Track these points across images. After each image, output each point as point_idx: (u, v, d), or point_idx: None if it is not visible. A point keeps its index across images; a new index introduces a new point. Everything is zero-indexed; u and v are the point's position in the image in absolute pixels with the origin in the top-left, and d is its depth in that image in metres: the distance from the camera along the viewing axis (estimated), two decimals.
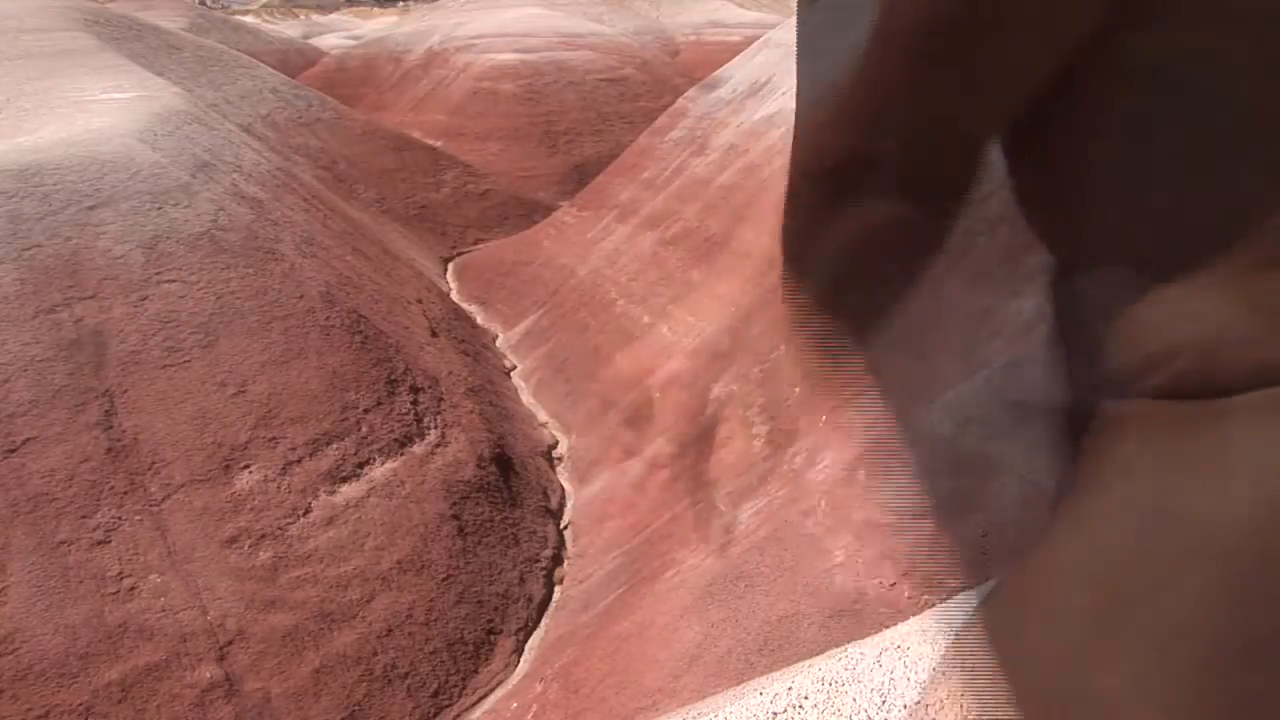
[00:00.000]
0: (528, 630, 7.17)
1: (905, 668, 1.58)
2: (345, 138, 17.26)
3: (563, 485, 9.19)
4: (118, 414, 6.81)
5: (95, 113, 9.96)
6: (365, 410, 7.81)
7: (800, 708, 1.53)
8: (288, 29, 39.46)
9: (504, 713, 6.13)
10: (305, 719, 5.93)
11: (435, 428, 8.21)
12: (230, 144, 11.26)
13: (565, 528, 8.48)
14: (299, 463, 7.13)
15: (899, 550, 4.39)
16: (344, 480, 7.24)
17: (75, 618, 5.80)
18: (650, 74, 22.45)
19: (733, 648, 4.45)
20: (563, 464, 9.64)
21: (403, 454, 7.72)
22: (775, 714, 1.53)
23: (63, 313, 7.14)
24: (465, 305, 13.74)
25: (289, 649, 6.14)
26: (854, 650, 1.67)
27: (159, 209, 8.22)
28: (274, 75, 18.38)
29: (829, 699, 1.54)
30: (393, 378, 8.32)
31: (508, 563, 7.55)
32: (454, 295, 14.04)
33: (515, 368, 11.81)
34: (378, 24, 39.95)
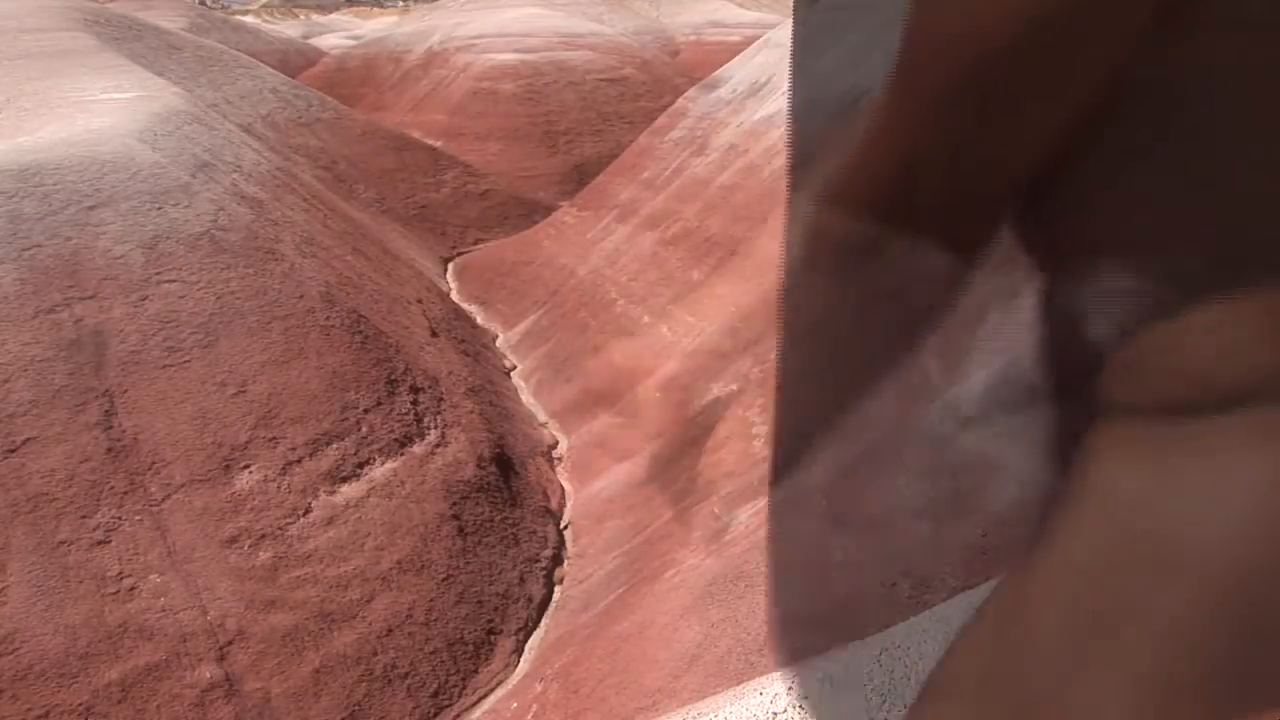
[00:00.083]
0: (528, 630, 7.17)
1: (905, 668, 1.59)
2: (345, 138, 17.26)
3: (563, 485, 9.19)
4: (118, 414, 6.81)
5: (95, 113, 9.96)
6: (365, 410, 7.82)
7: (800, 708, 1.53)
8: (288, 29, 39.45)
9: (504, 713, 6.13)
10: (305, 719, 5.93)
11: (435, 428, 8.22)
12: (230, 144, 11.26)
13: (565, 528, 8.48)
14: (299, 463, 7.13)
15: (899, 550, 4.39)
16: (344, 480, 7.24)
17: (75, 618, 5.80)
18: (650, 74, 22.45)
19: (733, 648, 4.46)
20: (563, 464, 9.64)
21: (403, 454, 7.72)
22: (775, 714, 1.53)
23: (63, 313, 7.14)
24: (465, 305, 13.74)
25: (289, 649, 6.14)
26: (854, 650, 1.67)
27: (159, 209, 8.22)
28: (274, 75, 18.37)
29: (829, 699, 1.54)
30: (393, 378, 8.32)
31: (508, 563, 7.55)
32: (454, 295, 14.03)
33: (515, 368, 11.81)
34: (378, 24, 39.94)
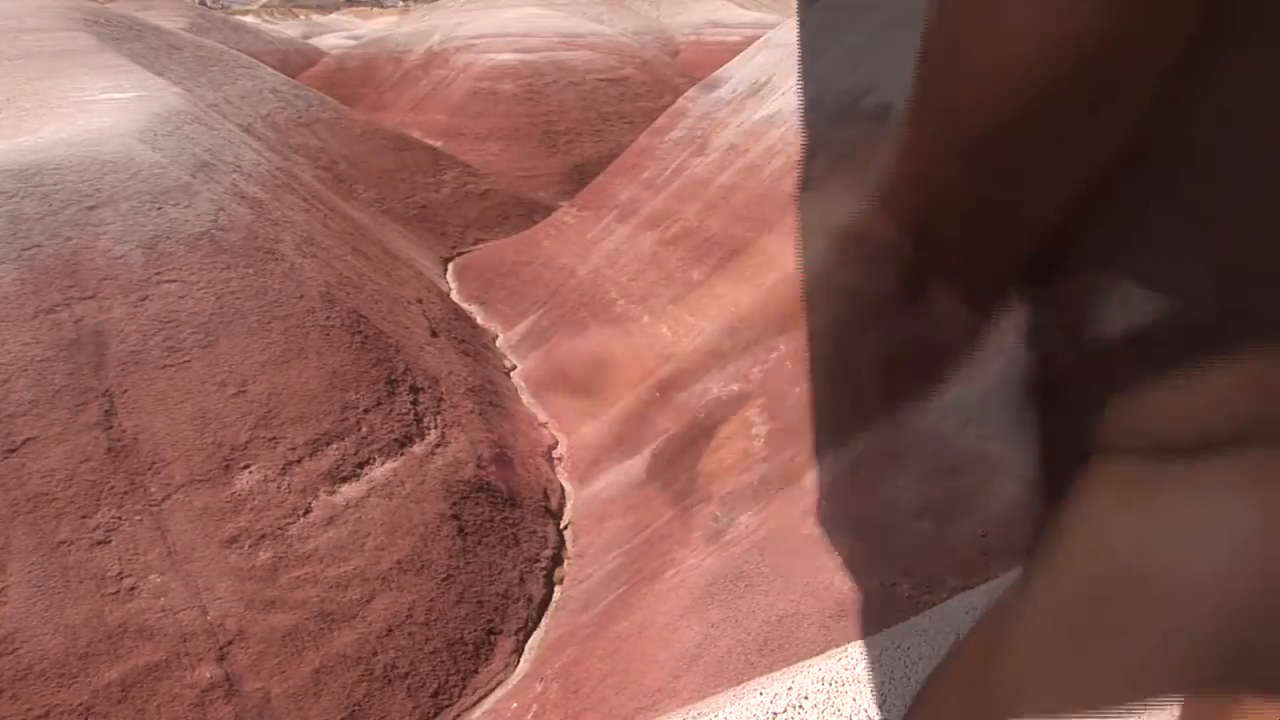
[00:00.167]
0: (528, 630, 7.17)
1: (905, 668, 1.59)
2: (345, 138, 17.26)
3: (563, 485, 9.20)
4: (118, 414, 6.81)
5: (95, 113, 9.96)
6: (365, 410, 7.82)
7: (800, 708, 1.54)
8: (288, 29, 39.45)
9: (504, 713, 6.13)
10: (305, 719, 5.93)
11: (435, 428, 8.22)
12: (230, 144, 11.26)
13: (565, 528, 8.48)
14: (299, 463, 7.13)
15: (899, 550, 4.39)
16: (344, 480, 7.24)
17: (75, 618, 5.80)
18: (650, 74, 22.45)
19: (733, 648, 4.46)
20: (563, 464, 9.64)
21: (403, 454, 7.72)
22: (775, 714, 1.53)
23: (63, 313, 7.14)
24: (465, 305, 13.74)
25: (289, 649, 6.14)
26: (854, 650, 1.67)
27: (159, 209, 8.22)
28: (274, 75, 18.37)
29: (829, 699, 1.54)
30: (393, 378, 8.33)
31: (508, 563, 7.55)
32: (454, 295, 14.03)
33: (515, 368, 11.81)
34: (378, 24, 39.93)
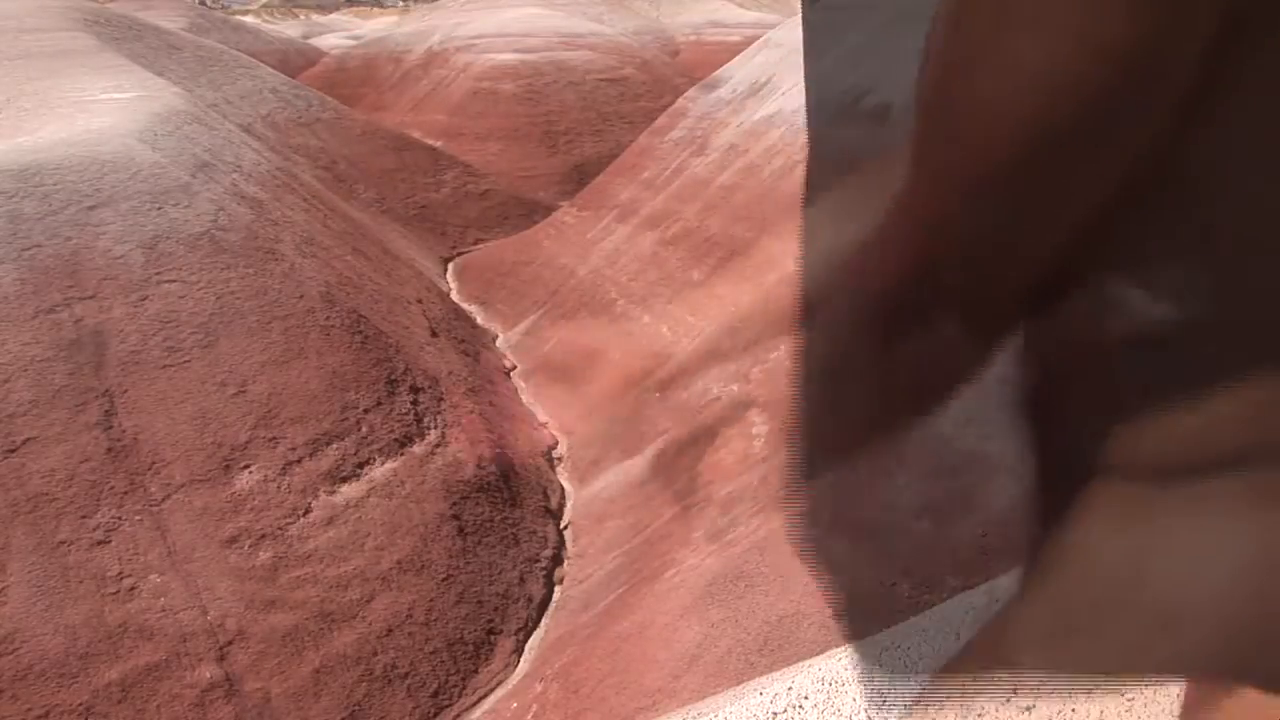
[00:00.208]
0: (528, 630, 7.17)
1: (905, 668, 1.59)
2: (345, 138, 17.26)
3: (563, 485, 9.20)
4: (118, 414, 6.81)
5: (95, 113, 9.96)
6: (365, 410, 7.82)
7: (800, 708, 1.54)
8: (288, 29, 39.44)
9: (504, 713, 6.13)
10: (305, 719, 5.93)
11: (435, 428, 8.22)
12: (230, 144, 11.26)
13: (565, 528, 8.48)
14: (299, 463, 7.13)
15: (899, 550, 4.39)
16: (344, 480, 7.24)
17: (75, 618, 5.80)
18: (650, 74, 22.45)
19: (733, 648, 4.46)
20: (563, 464, 9.64)
21: (403, 454, 7.72)
22: (775, 714, 1.53)
23: (63, 313, 7.14)
24: (465, 305, 13.74)
25: (289, 649, 6.14)
26: (854, 650, 1.67)
27: (159, 209, 8.22)
28: (274, 75, 18.37)
29: (829, 699, 1.54)
30: (393, 378, 8.33)
31: (508, 563, 7.55)
32: (454, 295, 14.03)
33: (515, 368, 11.81)
34: (378, 24, 39.94)
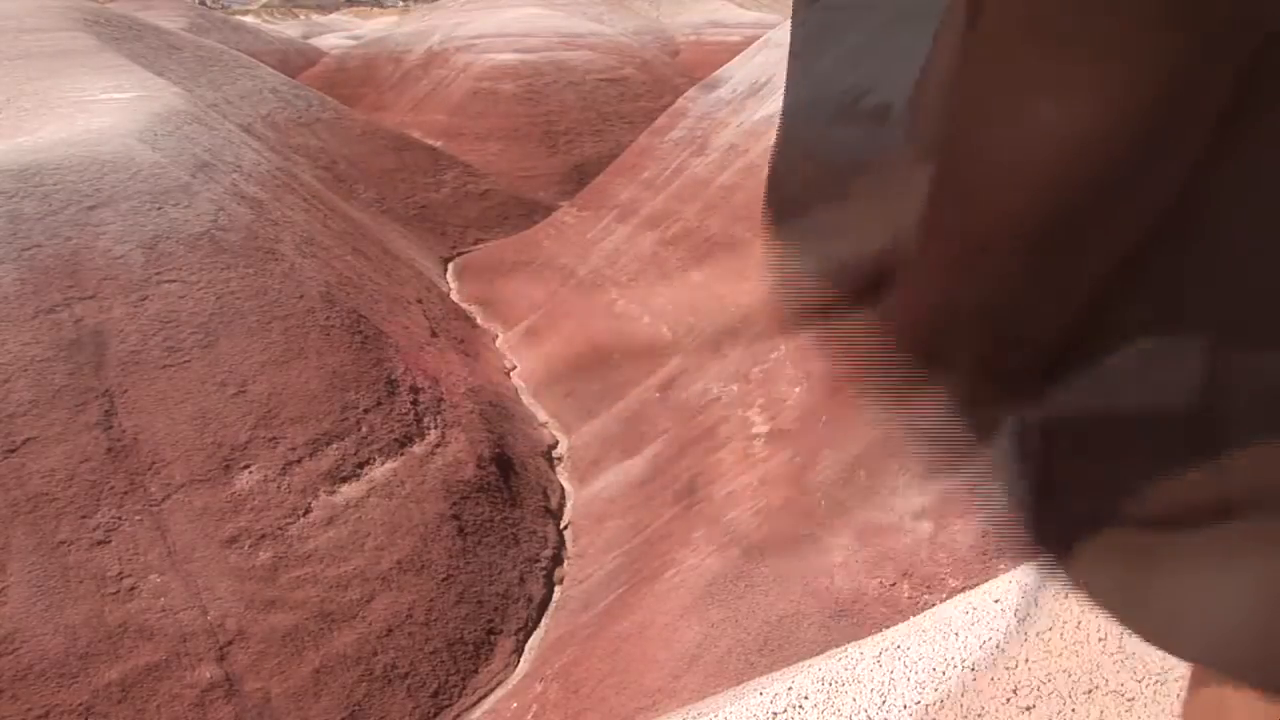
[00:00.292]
0: (528, 630, 7.16)
1: (905, 668, 1.59)
2: (345, 138, 17.26)
3: (563, 485, 9.19)
4: (118, 414, 6.81)
5: (95, 113, 9.96)
6: (365, 410, 7.81)
7: (800, 708, 1.53)
8: (288, 29, 39.44)
9: (504, 713, 6.13)
10: (305, 719, 5.93)
11: (435, 428, 8.21)
12: (230, 144, 11.26)
13: (565, 528, 8.48)
14: (299, 463, 7.13)
15: (899, 550, 4.39)
16: (344, 480, 7.24)
17: (75, 618, 5.80)
18: (650, 74, 22.44)
19: (733, 648, 4.46)
20: (563, 464, 9.64)
21: (403, 454, 7.71)
22: (775, 714, 1.53)
23: (63, 313, 7.14)
24: (465, 305, 13.74)
25: (289, 649, 6.14)
26: (854, 650, 1.67)
27: (159, 209, 8.22)
28: (274, 75, 18.37)
29: (829, 699, 1.54)
30: (393, 378, 8.32)
31: (508, 563, 7.55)
32: (454, 295, 14.03)
33: (515, 368, 11.81)
34: (378, 24, 39.93)
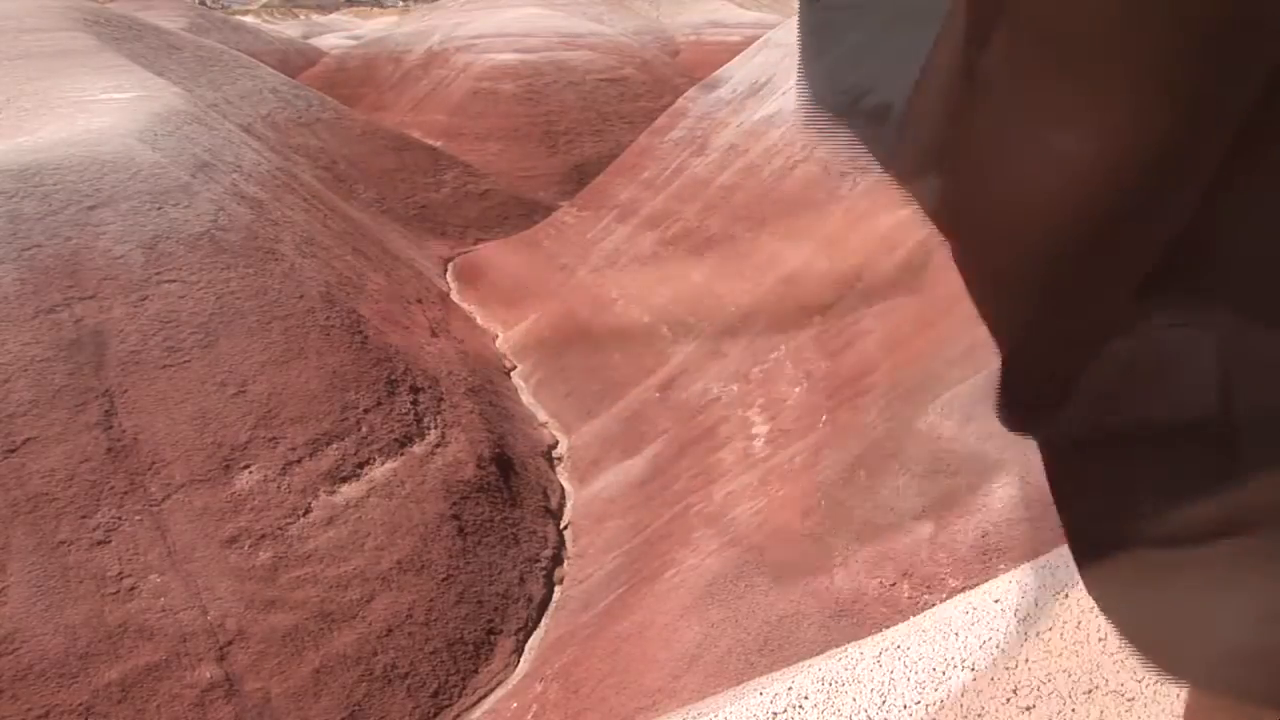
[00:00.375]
0: (528, 630, 7.16)
1: (905, 668, 1.59)
2: (345, 138, 17.26)
3: (563, 485, 9.19)
4: (118, 414, 6.81)
5: (95, 113, 9.96)
6: (365, 410, 7.81)
7: (800, 708, 1.53)
8: (288, 29, 39.43)
9: (504, 713, 6.13)
10: (305, 719, 5.93)
11: (435, 428, 8.21)
12: (230, 144, 11.26)
13: (565, 528, 8.48)
14: (299, 463, 7.13)
15: (899, 550, 4.39)
16: (344, 480, 7.24)
17: (75, 618, 5.80)
18: (650, 74, 22.44)
19: (733, 648, 4.46)
20: (563, 464, 9.64)
21: (403, 454, 7.71)
22: (775, 714, 1.53)
23: (63, 313, 7.14)
24: (465, 305, 13.74)
25: (289, 649, 6.14)
26: (854, 650, 1.67)
27: (159, 209, 8.22)
28: (274, 75, 18.37)
29: (829, 699, 1.54)
30: (393, 378, 8.32)
31: (508, 563, 7.55)
32: (454, 295, 14.03)
33: (515, 368, 11.81)
34: (378, 24, 39.93)
